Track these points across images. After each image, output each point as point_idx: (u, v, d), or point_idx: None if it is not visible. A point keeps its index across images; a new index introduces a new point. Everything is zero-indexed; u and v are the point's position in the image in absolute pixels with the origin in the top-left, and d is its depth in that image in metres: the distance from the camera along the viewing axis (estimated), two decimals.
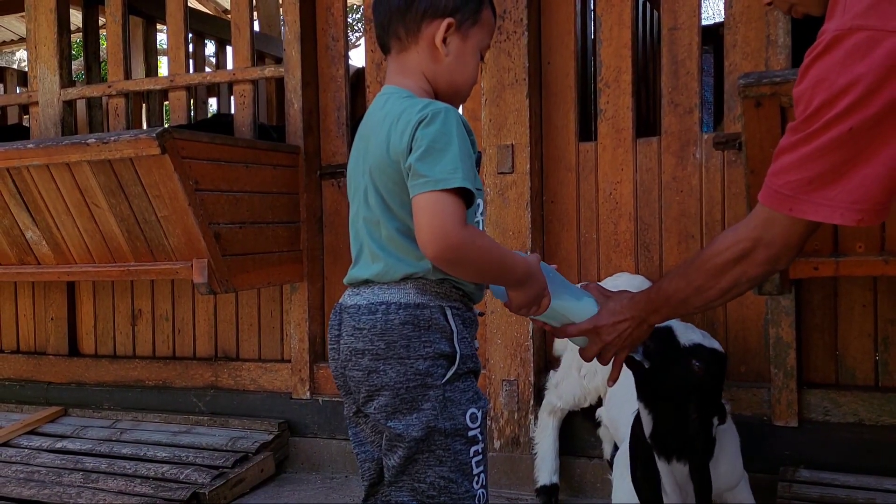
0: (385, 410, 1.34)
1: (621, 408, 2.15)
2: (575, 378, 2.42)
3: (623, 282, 2.41)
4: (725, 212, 2.58)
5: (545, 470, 2.56)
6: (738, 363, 2.58)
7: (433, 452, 1.32)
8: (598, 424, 2.41)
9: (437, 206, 1.23)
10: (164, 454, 2.89)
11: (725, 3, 2.53)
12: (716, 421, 1.78)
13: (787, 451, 2.42)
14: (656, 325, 1.72)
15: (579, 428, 2.65)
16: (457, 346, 1.35)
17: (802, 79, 1.11)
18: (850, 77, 1.04)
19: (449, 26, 1.36)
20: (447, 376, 1.33)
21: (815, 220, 1.13)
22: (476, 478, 1.35)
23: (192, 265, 2.59)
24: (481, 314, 1.53)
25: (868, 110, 1.04)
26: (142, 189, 2.51)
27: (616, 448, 2.24)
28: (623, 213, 2.73)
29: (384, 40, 1.43)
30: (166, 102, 3.74)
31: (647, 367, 1.63)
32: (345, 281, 1.43)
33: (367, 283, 1.37)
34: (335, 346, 1.41)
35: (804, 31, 2.51)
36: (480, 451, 1.37)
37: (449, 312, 1.34)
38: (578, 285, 1.52)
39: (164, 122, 4.62)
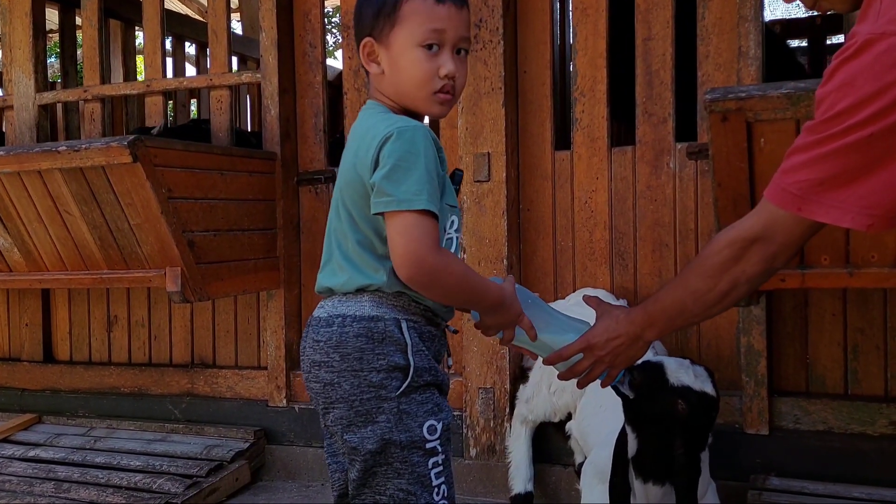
0: (341, 423, 1.35)
1: (590, 420, 2.16)
2: (545, 395, 2.43)
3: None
4: (699, 221, 2.60)
5: (519, 478, 2.56)
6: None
7: (391, 465, 1.33)
8: (569, 437, 2.42)
9: (412, 231, 1.24)
10: (137, 463, 2.87)
11: (698, 15, 2.55)
12: (704, 455, 1.80)
13: (758, 458, 2.44)
14: (649, 360, 1.72)
15: (554, 436, 2.65)
16: (411, 358, 1.35)
17: (828, 80, 1.08)
18: (878, 84, 1.01)
19: (366, 46, 1.37)
20: (401, 389, 1.33)
21: (824, 221, 1.11)
22: (436, 489, 1.36)
23: (165, 273, 2.58)
24: (455, 331, 1.54)
25: (891, 119, 1.01)
26: (114, 197, 2.49)
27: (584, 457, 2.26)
28: (598, 221, 2.74)
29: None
30: None
31: (630, 398, 1.63)
32: (315, 289, 1.45)
33: (330, 292, 1.40)
34: (303, 357, 1.43)
35: (775, 45, 2.54)
36: (441, 462, 1.37)
37: (405, 325, 1.35)
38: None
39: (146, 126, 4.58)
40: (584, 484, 2.11)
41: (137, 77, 4.62)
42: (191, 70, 5.21)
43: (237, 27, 6.10)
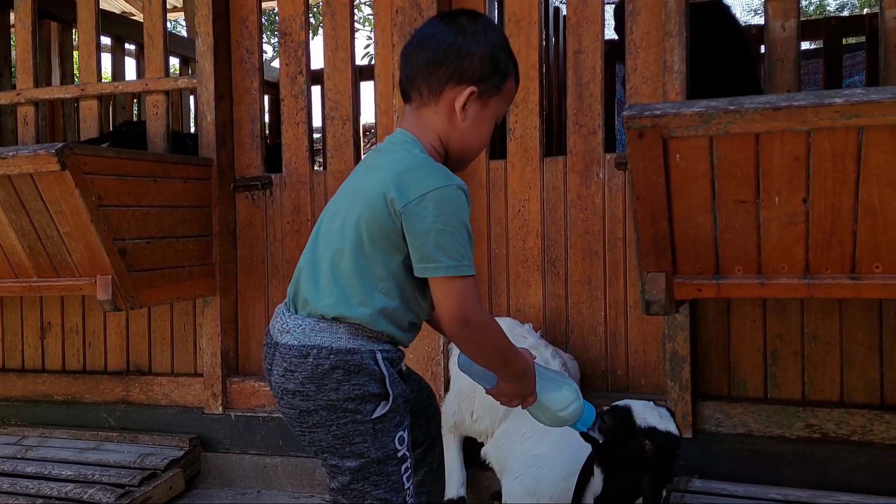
0: (319, 445, 1.42)
1: (512, 447, 2.21)
2: (468, 423, 2.47)
3: None
4: (626, 230, 2.66)
5: (452, 484, 2.59)
6: (639, 376, 2.67)
7: (368, 479, 1.40)
8: (485, 461, 2.46)
9: (459, 297, 1.32)
10: (69, 472, 2.83)
11: (627, 29, 2.61)
12: (665, 492, 1.86)
13: (682, 461, 2.50)
14: (616, 404, 1.80)
15: None
16: (389, 389, 1.40)
17: None
18: None
19: (471, 94, 1.40)
20: (379, 414, 1.39)
21: None
22: (407, 491, 1.44)
23: (95, 281, 2.55)
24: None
25: None
26: (43, 205, 2.46)
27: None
28: (531, 229, 2.79)
29: (407, 91, 1.47)
30: None
31: (600, 442, 1.69)
32: (288, 292, 1.48)
33: (304, 304, 1.42)
34: (268, 377, 1.47)
35: (700, 59, 2.62)
36: (410, 465, 1.45)
37: (380, 356, 1.40)
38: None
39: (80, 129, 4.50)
40: (510, 499, 2.15)
41: (75, 79, 4.54)
42: (131, 70, 5.13)
43: (182, 29, 6.02)
